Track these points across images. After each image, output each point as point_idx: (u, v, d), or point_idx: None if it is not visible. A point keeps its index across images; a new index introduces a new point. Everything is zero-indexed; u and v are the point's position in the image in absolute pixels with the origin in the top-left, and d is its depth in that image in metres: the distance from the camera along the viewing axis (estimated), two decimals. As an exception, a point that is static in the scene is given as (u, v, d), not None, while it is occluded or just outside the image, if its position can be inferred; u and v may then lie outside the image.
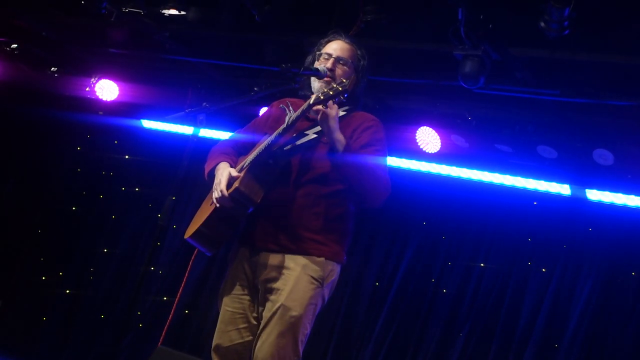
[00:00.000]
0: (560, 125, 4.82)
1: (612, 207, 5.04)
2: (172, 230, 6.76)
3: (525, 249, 5.57)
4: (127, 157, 7.31)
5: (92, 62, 6.35)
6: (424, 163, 5.55)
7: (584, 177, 5.02)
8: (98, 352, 6.75)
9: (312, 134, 3.11)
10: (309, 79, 3.28)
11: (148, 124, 6.78)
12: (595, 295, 5.23)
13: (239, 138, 3.45)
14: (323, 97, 2.95)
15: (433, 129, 5.22)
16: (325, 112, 3.00)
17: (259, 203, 3.10)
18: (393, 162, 5.49)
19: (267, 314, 3.10)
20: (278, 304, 3.06)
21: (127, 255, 7.00)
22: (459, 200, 5.72)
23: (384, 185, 3.16)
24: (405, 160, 5.57)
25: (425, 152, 5.31)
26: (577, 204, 5.21)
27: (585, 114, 4.70)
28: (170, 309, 5.52)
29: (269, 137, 3.13)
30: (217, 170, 3.23)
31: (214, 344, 3.22)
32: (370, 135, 3.21)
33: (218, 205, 3.14)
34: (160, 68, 6.20)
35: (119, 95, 6.41)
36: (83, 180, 7.45)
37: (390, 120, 4.99)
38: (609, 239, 5.28)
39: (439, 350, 5.57)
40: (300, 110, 3.00)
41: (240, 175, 3.09)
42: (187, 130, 6.52)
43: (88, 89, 6.37)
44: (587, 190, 5.07)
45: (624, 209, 5.00)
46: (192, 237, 3.27)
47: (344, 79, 3.03)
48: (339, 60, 3.27)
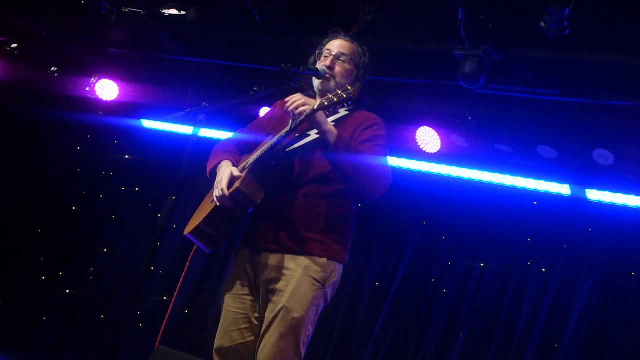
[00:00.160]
0: (560, 125, 4.83)
1: (612, 207, 5.04)
2: (172, 230, 6.76)
3: (525, 249, 5.57)
4: (127, 157, 7.31)
5: (92, 62, 6.35)
6: (424, 163, 5.55)
7: (584, 177, 5.02)
8: (98, 352, 6.75)
9: (314, 135, 3.10)
10: (312, 79, 3.27)
11: (148, 124, 6.78)
12: (595, 295, 5.23)
13: (242, 137, 3.44)
14: (327, 103, 2.92)
15: (433, 129, 5.22)
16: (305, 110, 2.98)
17: (260, 204, 3.10)
18: (393, 162, 5.49)
19: (269, 316, 3.09)
20: (280, 306, 3.05)
21: (127, 255, 7.00)
22: (459, 200, 5.72)
23: (382, 180, 3.12)
24: (405, 160, 5.57)
25: (425, 152, 5.31)
26: (577, 204, 5.21)
27: (585, 114, 4.70)
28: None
29: (272, 138, 3.13)
30: (219, 169, 3.22)
31: (216, 345, 3.21)
32: (371, 133, 3.20)
33: (218, 204, 3.14)
34: (160, 68, 6.21)
35: (119, 95, 6.41)
36: (83, 180, 7.44)
37: (390, 120, 4.97)
38: (609, 239, 5.29)
39: (439, 350, 5.57)
40: (304, 115, 2.99)
41: (242, 175, 3.09)
42: (187, 130, 6.52)
43: (88, 89, 6.37)
44: (587, 190, 5.07)
45: (624, 209, 5.00)
46: (191, 233, 3.27)
47: (348, 86, 2.98)
48: (339, 57, 3.27)
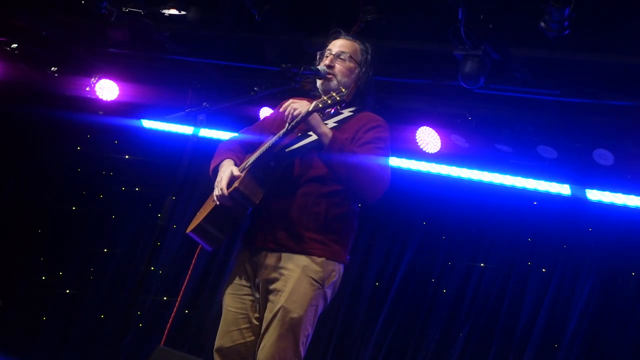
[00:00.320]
0: (560, 125, 4.83)
1: (612, 207, 5.04)
2: (172, 230, 6.75)
3: (525, 249, 5.57)
4: (127, 157, 7.31)
5: (92, 62, 6.35)
6: (424, 163, 5.55)
7: (584, 177, 5.02)
8: (98, 352, 6.75)
9: (314, 135, 3.11)
10: (315, 80, 3.29)
11: (148, 124, 6.78)
12: (595, 296, 5.23)
13: (247, 136, 3.44)
14: (322, 105, 2.96)
15: (433, 129, 5.22)
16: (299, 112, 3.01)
17: (259, 204, 3.11)
18: (393, 162, 5.49)
19: (268, 316, 3.09)
20: (278, 306, 3.05)
21: (127, 255, 6.99)
22: (459, 200, 5.72)
23: (379, 182, 3.11)
24: (405, 160, 5.57)
25: (425, 152, 5.31)
26: (577, 204, 5.21)
27: (585, 114, 4.70)
28: (170, 309, 5.50)
29: (272, 138, 3.14)
30: (220, 168, 3.24)
31: (217, 345, 3.21)
32: (373, 135, 3.20)
33: (218, 203, 3.15)
34: (160, 68, 6.21)
35: (119, 95, 6.42)
36: (83, 180, 7.44)
37: (390, 120, 4.94)
38: (609, 239, 5.28)
39: (439, 351, 5.57)
40: (300, 117, 3.01)
41: (241, 175, 3.10)
42: (187, 130, 6.52)
43: (88, 89, 6.37)
44: (587, 190, 5.07)
45: (624, 209, 5.00)
46: (193, 231, 3.29)
47: (342, 88, 3.01)
48: (339, 56, 3.28)
